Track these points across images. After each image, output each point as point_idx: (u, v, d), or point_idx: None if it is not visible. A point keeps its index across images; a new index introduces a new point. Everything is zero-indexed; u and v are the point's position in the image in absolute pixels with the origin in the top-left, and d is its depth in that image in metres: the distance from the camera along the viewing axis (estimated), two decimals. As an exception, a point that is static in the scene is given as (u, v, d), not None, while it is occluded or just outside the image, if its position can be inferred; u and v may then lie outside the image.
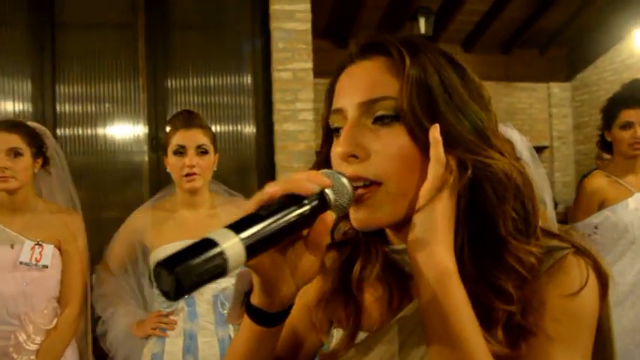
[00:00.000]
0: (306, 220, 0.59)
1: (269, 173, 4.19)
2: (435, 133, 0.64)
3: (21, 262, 1.92)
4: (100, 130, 4.25)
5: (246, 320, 0.66)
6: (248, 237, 0.52)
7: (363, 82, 0.69)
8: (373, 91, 0.68)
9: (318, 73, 6.26)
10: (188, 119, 1.95)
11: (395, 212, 0.66)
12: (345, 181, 0.63)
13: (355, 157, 0.67)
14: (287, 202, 0.57)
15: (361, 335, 0.73)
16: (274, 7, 4.39)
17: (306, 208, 0.58)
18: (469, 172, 0.64)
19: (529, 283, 0.66)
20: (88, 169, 4.13)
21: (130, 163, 4.25)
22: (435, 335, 0.62)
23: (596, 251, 0.70)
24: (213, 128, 2.06)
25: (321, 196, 0.60)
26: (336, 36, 6.78)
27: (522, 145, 2.38)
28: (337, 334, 0.75)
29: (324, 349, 0.77)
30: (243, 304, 0.65)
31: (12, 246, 1.95)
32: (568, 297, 0.65)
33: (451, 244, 0.64)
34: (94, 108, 4.21)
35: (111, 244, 2.09)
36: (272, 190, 0.57)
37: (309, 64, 4.50)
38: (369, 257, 0.74)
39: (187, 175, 1.90)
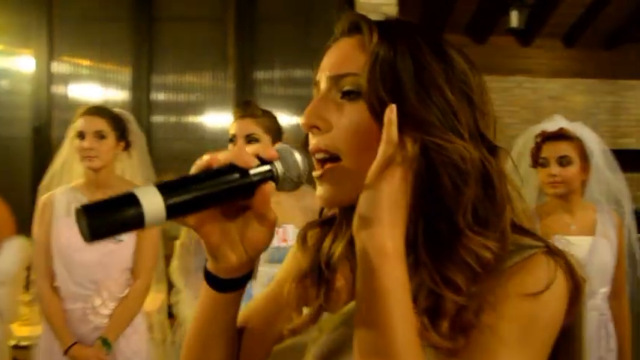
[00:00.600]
0: (244, 189, 0.61)
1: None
2: (389, 113, 0.63)
3: (100, 235, 2.12)
4: (191, 118, 4.50)
5: (204, 285, 0.70)
6: (171, 196, 0.56)
7: (335, 57, 0.70)
8: (341, 66, 0.68)
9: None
10: (240, 109, 2.05)
11: (354, 189, 0.65)
12: (297, 155, 0.65)
13: (317, 128, 0.68)
14: (225, 171, 0.61)
15: (325, 316, 0.73)
16: (360, 0, 4.44)
17: (242, 179, 0.61)
18: (424, 155, 0.63)
19: (489, 279, 0.63)
20: (177, 153, 4.39)
21: (217, 149, 4.46)
22: (360, 317, 0.62)
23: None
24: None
25: (268, 168, 0.63)
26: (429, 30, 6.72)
27: (595, 145, 2.28)
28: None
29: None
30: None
31: (94, 219, 2.15)
32: (527, 297, 0.63)
33: (397, 226, 0.62)
34: (185, 97, 4.47)
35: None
36: (211, 157, 0.62)
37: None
38: (337, 236, 0.74)
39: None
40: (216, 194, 0.60)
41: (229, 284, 0.69)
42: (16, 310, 2.26)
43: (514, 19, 4.71)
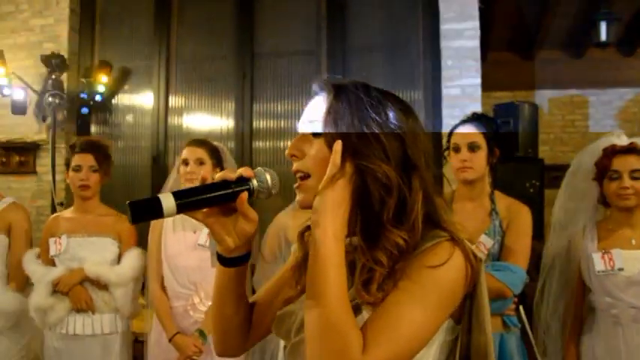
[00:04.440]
0: (228, 196, 0.97)
1: (438, 182, 4.43)
2: (336, 146, 0.94)
3: (199, 244, 2.56)
4: (288, 142, 4.91)
5: (217, 264, 1.06)
6: (179, 198, 0.93)
7: (309, 109, 1.04)
8: (312, 115, 1.02)
9: (499, 86, 6.31)
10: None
11: None
12: (267, 175, 1.00)
13: (296, 156, 1.01)
14: (217, 184, 0.97)
15: None
16: (444, 27, 4.65)
17: (226, 189, 0.97)
18: (358, 174, 0.93)
19: (405, 258, 0.91)
20: (279, 177, 4.81)
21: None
22: (307, 288, 0.90)
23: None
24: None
25: (246, 182, 0.98)
26: (522, 48, 6.70)
27: None
28: None
29: None
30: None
31: (194, 232, 2.59)
32: (430, 268, 0.90)
33: (337, 218, 0.91)
34: (284, 124, 4.90)
35: (264, 237, 2.60)
36: (206, 175, 1.01)
37: (478, 80, 4.64)
38: None
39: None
40: (209, 199, 0.98)
41: (231, 261, 1.06)
42: (132, 307, 2.72)
43: (602, 31, 4.66)
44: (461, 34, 4.66)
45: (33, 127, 4.72)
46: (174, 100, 4.99)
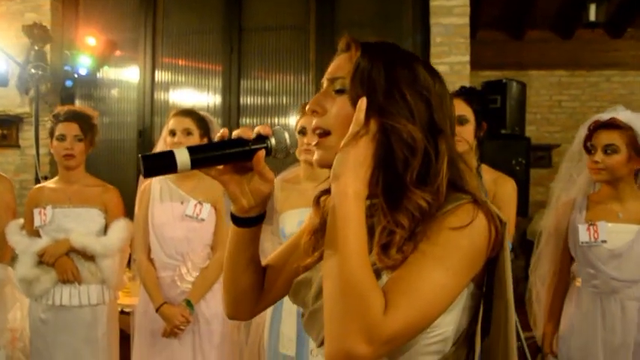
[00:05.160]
0: (245, 154, 0.94)
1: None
2: (360, 103, 0.91)
3: (186, 215, 2.53)
4: (276, 119, 4.90)
5: (231, 225, 1.03)
6: (194, 154, 0.90)
7: (333, 66, 1.00)
8: (336, 72, 0.98)
9: (488, 65, 6.30)
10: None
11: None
12: (286, 134, 0.97)
13: (317, 112, 0.98)
14: (235, 141, 0.93)
15: None
16: (434, 4, 4.62)
17: (244, 147, 0.93)
18: (382, 133, 0.90)
19: (426, 221, 0.88)
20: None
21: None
22: (326, 248, 0.86)
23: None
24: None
25: (264, 141, 0.95)
26: (511, 27, 6.69)
27: None
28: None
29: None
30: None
31: (182, 202, 2.57)
32: (452, 230, 0.87)
33: (358, 178, 0.88)
34: (271, 100, 4.87)
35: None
36: (224, 132, 0.95)
37: (467, 58, 4.63)
38: None
39: (306, 150, 2.32)
40: (225, 155, 0.94)
41: (245, 221, 1.02)
42: (119, 279, 2.69)
43: (592, 12, 4.66)
44: (450, 11, 4.64)
45: (15, 100, 4.64)
46: (161, 75, 4.93)
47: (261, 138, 0.96)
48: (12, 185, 2.90)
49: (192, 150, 0.90)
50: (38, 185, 2.94)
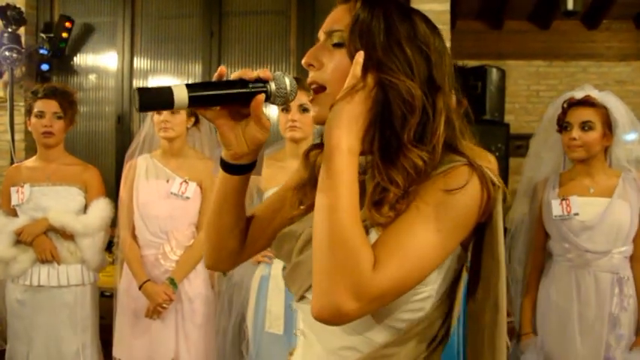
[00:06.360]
0: (245, 95, 0.90)
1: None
2: (358, 56, 0.89)
3: (172, 193, 2.49)
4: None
5: (220, 171, 1.00)
6: (193, 91, 0.86)
7: (331, 18, 0.96)
8: (333, 24, 0.94)
9: (467, 54, 6.34)
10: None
11: None
12: (287, 79, 0.93)
13: (313, 66, 0.95)
14: (234, 82, 0.90)
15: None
16: (414, -10, 4.63)
17: (242, 88, 0.90)
18: (379, 88, 0.88)
19: (421, 180, 0.87)
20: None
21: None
22: (317, 202, 0.85)
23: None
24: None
25: (264, 85, 0.91)
26: (491, 17, 6.74)
27: (621, 115, 2.34)
28: None
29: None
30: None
31: (167, 180, 2.53)
32: (446, 191, 0.86)
33: (352, 133, 0.86)
34: (252, 86, 4.81)
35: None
36: (222, 70, 0.92)
37: (447, 44, 4.63)
38: None
39: (292, 127, 2.30)
40: (224, 96, 0.91)
41: (235, 168, 0.99)
42: (99, 259, 2.65)
43: (569, 2, 4.71)
44: (432, -3, 4.66)
45: (-11, 84, 4.51)
46: (139, 61, 4.85)
47: (262, 81, 0.92)
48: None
49: (191, 87, 0.87)
50: (16, 164, 2.88)
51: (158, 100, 0.85)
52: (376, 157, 0.91)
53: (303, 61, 0.97)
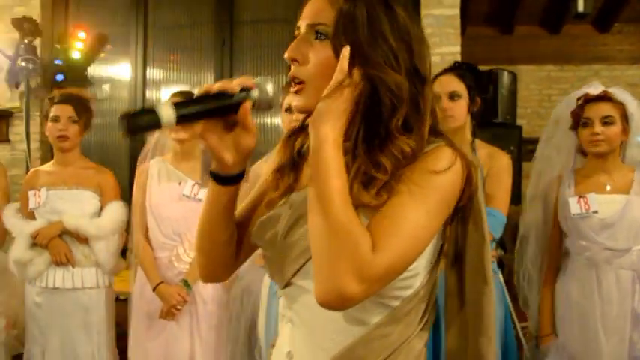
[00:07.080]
0: (231, 106, 0.91)
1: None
2: (344, 51, 0.90)
3: (184, 195, 2.52)
4: (268, 114, 4.88)
5: (210, 182, 1.00)
6: (180, 110, 0.87)
7: (313, 9, 0.95)
8: (317, 17, 0.93)
9: (478, 60, 6.34)
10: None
11: (315, 103, 0.91)
12: (269, 85, 0.94)
13: (296, 61, 0.94)
14: (218, 95, 0.91)
15: (294, 195, 1.01)
16: (425, -7, 4.64)
17: (228, 99, 0.91)
18: (367, 82, 0.89)
19: (408, 164, 0.90)
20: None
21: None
22: (310, 195, 0.87)
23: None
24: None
25: (247, 92, 0.92)
26: (502, 22, 6.74)
27: (635, 109, 2.34)
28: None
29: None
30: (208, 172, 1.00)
31: (179, 183, 2.55)
32: (431, 172, 0.89)
33: (338, 127, 0.88)
34: (263, 93, 4.84)
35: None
36: (207, 86, 0.92)
37: (457, 49, 4.65)
38: (308, 135, 0.95)
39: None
40: (211, 109, 0.92)
41: (226, 179, 0.99)
42: (113, 262, 2.67)
43: (580, 4, 4.72)
44: (441, 2, 4.67)
45: (5, 94, 4.59)
46: (152, 72, 4.91)
47: (245, 90, 0.93)
48: (5, 170, 2.88)
49: (177, 105, 0.87)
50: (34, 168, 2.92)
51: (144, 123, 0.86)
52: (362, 145, 0.93)
53: (286, 56, 0.97)
